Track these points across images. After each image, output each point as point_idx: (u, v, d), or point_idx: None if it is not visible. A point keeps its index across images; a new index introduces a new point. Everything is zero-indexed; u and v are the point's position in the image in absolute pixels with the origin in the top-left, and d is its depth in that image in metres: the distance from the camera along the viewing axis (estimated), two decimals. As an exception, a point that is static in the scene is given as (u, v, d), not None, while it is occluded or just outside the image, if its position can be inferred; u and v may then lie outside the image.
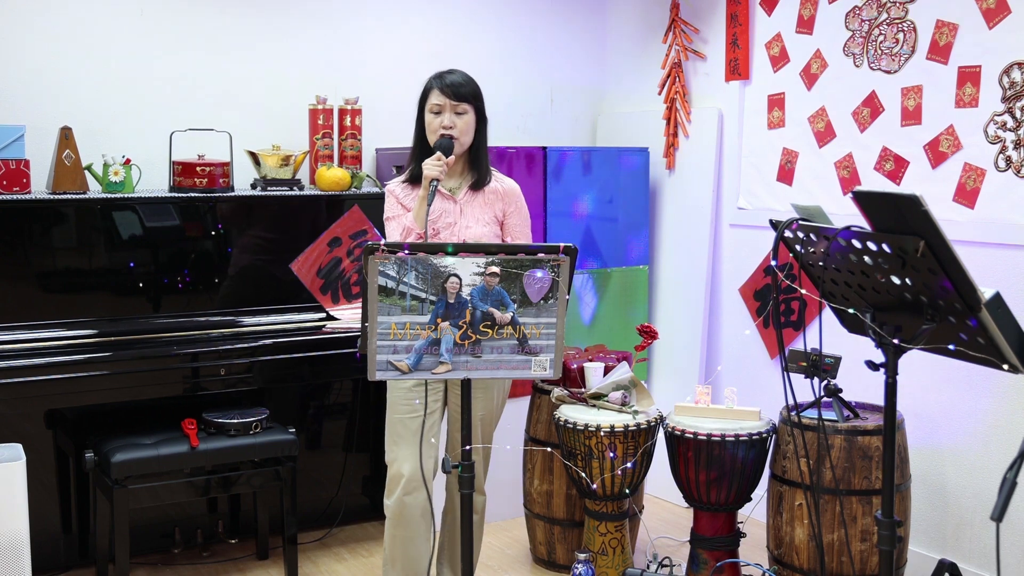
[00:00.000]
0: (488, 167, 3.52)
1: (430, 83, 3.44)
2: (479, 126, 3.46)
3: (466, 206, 3.46)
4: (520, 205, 3.55)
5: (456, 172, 3.49)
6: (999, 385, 3.73)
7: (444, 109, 3.38)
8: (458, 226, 3.42)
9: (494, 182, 3.51)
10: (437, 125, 3.39)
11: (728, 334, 4.87)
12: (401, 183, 3.52)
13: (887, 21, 4.10)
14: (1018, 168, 3.68)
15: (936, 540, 4.01)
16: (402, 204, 3.48)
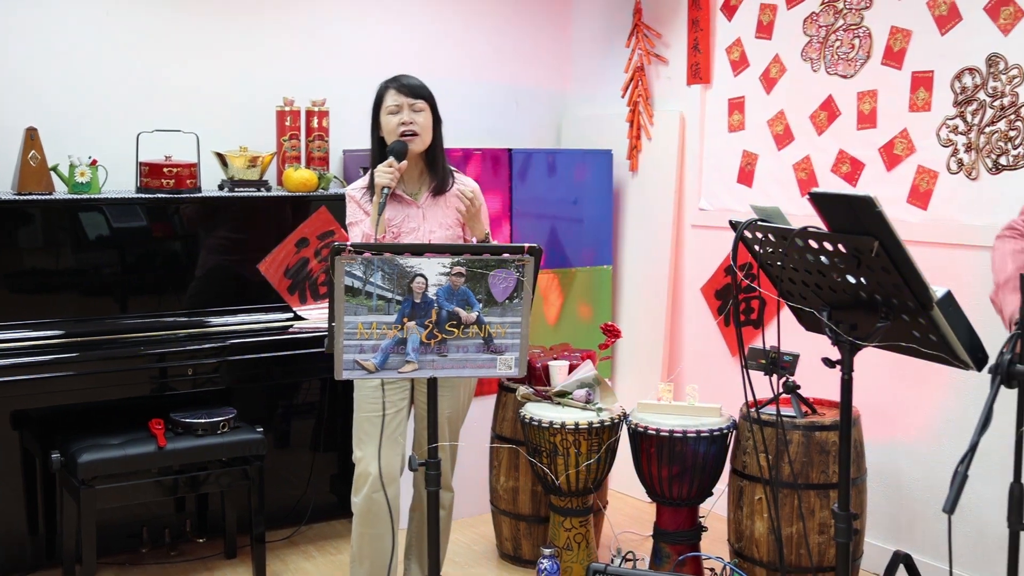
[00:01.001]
0: (446, 168, 3.49)
1: (384, 86, 3.42)
2: (435, 127, 3.44)
3: (428, 210, 3.44)
4: (481, 204, 3.50)
5: (415, 176, 3.46)
6: (951, 381, 3.77)
7: (402, 108, 3.35)
8: (421, 231, 3.40)
9: (456, 185, 3.48)
10: (395, 124, 3.35)
11: (690, 333, 4.90)
12: (361, 188, 3.49)
13: (843, 27, 4.14)
14: (969, 171, 3.73)
15: (891, 532, 4.05)
16: (363, 209, 3.45)
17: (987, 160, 3.67)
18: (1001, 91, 3.61)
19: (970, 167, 3.73)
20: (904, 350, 2.49)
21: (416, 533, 3.65)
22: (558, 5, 5.47)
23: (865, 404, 3.96)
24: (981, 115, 3.67)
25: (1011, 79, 3.57)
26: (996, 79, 3.62)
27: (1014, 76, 3.56)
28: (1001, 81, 3.61)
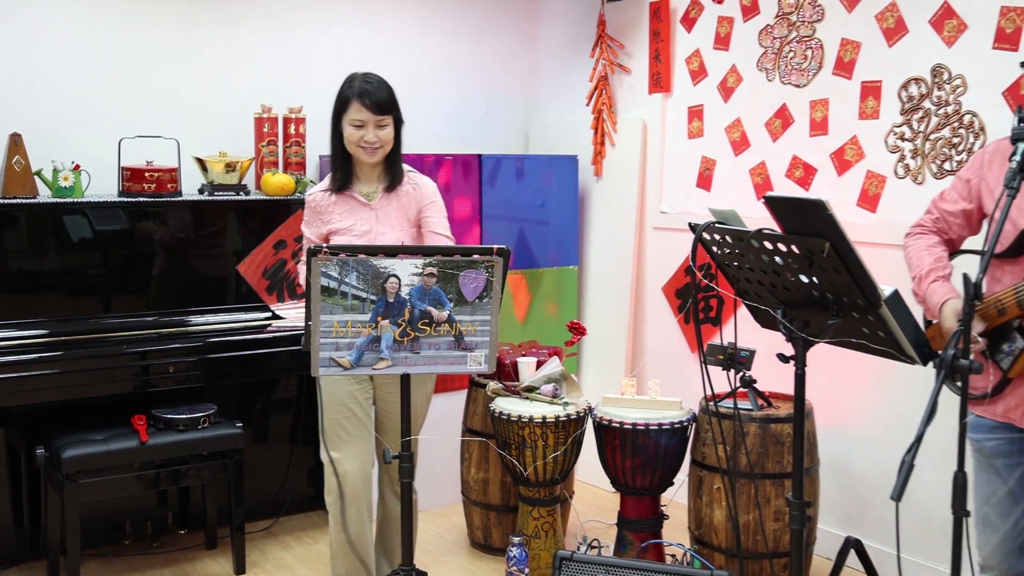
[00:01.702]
0: (402, 168, 3.39)
1: (349, 94, 3.27)
2: (396, 132, 3.34)
3: (381, 211, 3.35)
4: (436, 199, 3.42)
5: (372, 177, 3.38)
6: (899, 375, 3.80)
7: (367, 124, 3.25)
8: (373, 233, 3.32)
9: (407, 183, 3.39)
10: (359, 138, 3.25)
11: (652, 330, 4.92)
12: (322, 191, 3.39)
13: (797, 39, 4.16)
14: (915, 175, 3.76)
15: (843, 519, 4.08)
16: (319, 215, 3.37)
17: (932, 165, 3.70)
18: (945, 100, 3.64)
19: (916, 172, 3.76)
20: (854, 346, 2.51)
21: (380, 529, 3.61)
22: (526, 17, 5.47)
23: (818, 397, 3.98)
24: (926, 123, 3.71)
25: (955, 88, 3.61)
26: (940, 88, 3.65)
27: (957, 86, 3.60)
28: (945, 90, 3.64)
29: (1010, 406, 2.61)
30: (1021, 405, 2.58)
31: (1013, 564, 2.67)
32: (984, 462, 2.69)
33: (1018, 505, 2.64)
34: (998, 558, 2.68)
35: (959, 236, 2.77)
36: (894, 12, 3.79)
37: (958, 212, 2.73)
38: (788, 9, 4.18)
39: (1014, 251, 2.55)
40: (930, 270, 2.70)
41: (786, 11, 4.19)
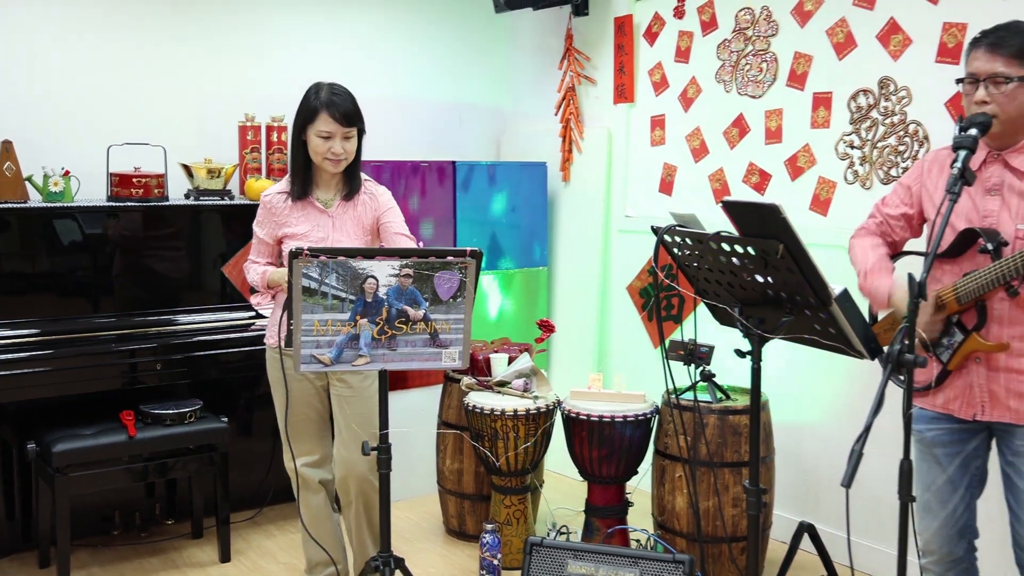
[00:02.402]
0: (360, 177, 3.31)
1: (316, 104, 3.15)
2: (358, 141, 3.25)
3: (338, 219, 3.26)
4: (392, 204, 3.33)
5: (332, 185, 3.28)
6: (849, 369, 3.84)
7: (334, 135, 3.15)
8: (329, 240, 3.23)
9: (364, 193, 3.30)
10: (325, 150, 3.15)
11: (617, 327, 4.93)
12: (278, 193, 3.29)
13: (752, 52, 4.19)
14: (864, 181, 3.80)
15: (797, 504, 4.11)
16: (273, 216, 3.27)
17: (879, 172, 3.74)
18: (892, 110, 3.68)
19: (864, 178, 3.80)
20: (807, 341, 2.53)
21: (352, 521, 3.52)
22: (498, 31, 5.47)
23: (773, 390, 4.01)
24: (874, 131, 3.74)
25: (900, 99, 3.64)
26: (887, 99, 3.69)
27: (903, 97, 3.63)
28: (892, 101, 3.67)
29: (949, 397, 2.64)
30: (960, 397, 2.61)
31: (952, 548, 2.71)
32: (925, 451, 2.72)
33: (956, 492, 2.68)
34: (938, 543, 2.71)
35: (901, 239, 2.81)
36: (844, 27, 3.82)
37: (899, 216, 2.77)
38: (744, 24, 4.21)
39: (953, 251, 2.58)
40: (874, 265, 2.73)
41: (742, 26, 4.22)
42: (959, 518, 2.68)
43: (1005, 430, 2.58)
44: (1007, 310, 2.51)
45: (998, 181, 2.53)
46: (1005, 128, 2.47)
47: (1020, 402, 2.52)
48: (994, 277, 2.43)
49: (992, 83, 2.43)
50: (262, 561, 3.96)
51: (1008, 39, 2.43)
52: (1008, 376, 2.53)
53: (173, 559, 3.97)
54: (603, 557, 2.86)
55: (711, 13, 4.35)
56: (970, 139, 2.35)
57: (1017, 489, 2.56)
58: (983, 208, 2.54)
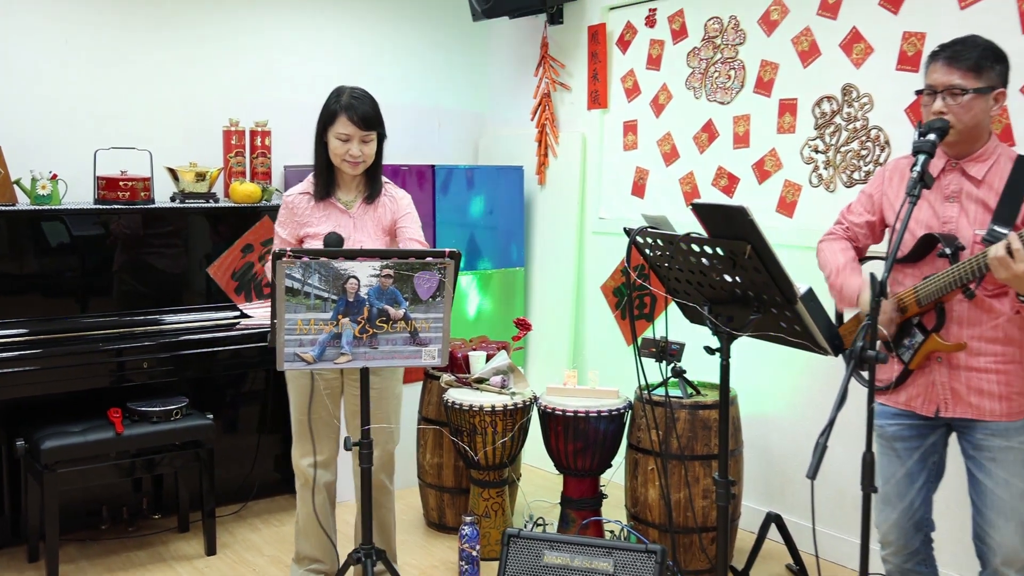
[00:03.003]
0: (382, 180, 3.31)
1: (336, 108, 3.13)
2: (379, 146, 3.24)
3: (359, 220, 3.25)
4: (411, 210, 3.32)
5: (352, 187, 3.28)
6: (814, 366, 3.85)
7: (352, 138, 3.13)
8: (351, 240, 3.22)
9: (384, 195, 3.30)
10: (344, 152, 3.14)
11: (591, 325, 4.93)
12: (300, 193, 3.28)
13: (721, 60, 4.20)
14: (828, 184, 3.82)
15: (764, 496, 4.12)
16: (295, 217, 3.26)
17: (843, 175, 3.76)
18: (854, 116, 3.70)
19: (828, 181, 3.82)
20: (773, 339, 2.54)
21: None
22: (476, 38, 5.46)
23: (741, 386, 4.02)
24: (837, 136, 3.76)
25: (862, 106, 3.66)
26: (850, 105, 3.71)
27: (865, 103, 3.65)
28: (854, 107, 3.70)
29: (911, 395, 2.66)
30: (922, 394, 2.63)
31: (909, 540, 2.72)
32: (886, 445, 2.74)
33: (914, 485, 2.70)
34: (896, 534, 2.73)
35: (864, 245, 2.85)
36: (808, 36, 3.84)
37: (863, 223, 2.80)
38: (713, 33, 4.22)
39: (913, 256, 2.61)
40: (844, 265, 2.76)
41: (711, 35, 4.23)
42: (916, 510, 2.70)
43: (966, 426, 2.60)
44: (965, 311, 2.54)
45: (956, 188, 2.55)
46: (962, 137, 2.50)
47: (981, 398, 2.54)
48: (952, 280, 2.45)
49: (949, 94, 2.46)
50: (247, 554, 3.93)
51: (964, 53, 2.46)
52: (968, 374, 2.55)
53: (160, 552, 3.93)
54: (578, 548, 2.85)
55: (681, 22, 4.36)
56: (929, 144, 2.38)
57: (979, 483, 2.58)
58: (943, 214, 2.56)
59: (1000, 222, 2.44)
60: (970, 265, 2.40)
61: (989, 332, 2.52)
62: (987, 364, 2.53)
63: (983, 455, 2.56)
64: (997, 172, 2.51)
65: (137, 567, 3.79)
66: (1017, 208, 2.46)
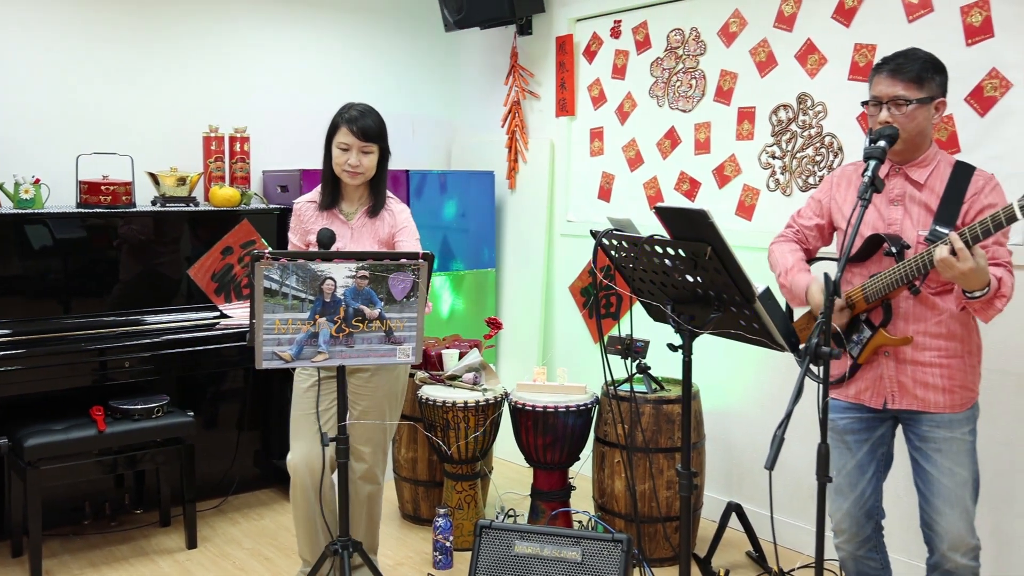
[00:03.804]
0: (385, 194, 3.30)
1: (340, 120, 3.17)
2: (381, 159, 3.24)
3: (357, 231, 3.24)
4: (409, 224, 3.32)
5: (355, 198, 3.27)
6: (772, 362, 3.89)
7: (351, 148, 3.14)
8: (347, 249, 3.19)
9: (386, 210, 3.28)
10: (343, 161, 3.15)
11: (560, 324, 4.94)
12: (308, 201, 3.29)
13: (683, 70, 4.22)
14: (784, 189, 3.85)
15: (725, 486, 4.15)
16: (302, 223, 3.26)
17: (799, 180, 3.79)
18: (809, 123, 3.73)
19: (785, 186, 3.85)
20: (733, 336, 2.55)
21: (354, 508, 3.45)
22: (448, 48, 5.45)
23: (703, 381, 4.05)
24: (793, 143, 3.79)
25: (817, 113, 3.70)
26: (805, 113, 3.74)
27: (819, 111, 3.69)
28: (809, 115, 3.73)
29: (860, 388, 2.69)
30: (870, 387, 2.67)
31: (861, 528, 2.75)
32: (837, 438, 2.76)
33: (864, 476, 2.73)
34: (848, 522, 2.75)
35: (814, 247, 2.89)
36: (765, 47, 3.87)
37: (813, 227, 2.85)
38: (675, 44, 4.24)
39: (860, 256, 2.65)
40: (793, 265, 2.79)
41: (673, 46, 4.25)
42: (867, 499, 2.73)
43: (911, 417, 2.64)
44: (910, 308, 2.58)
45: (900, 192, 2.60)
46: (906, 145, 2.56)
47: (926, 391, 2.58)
48: (899, 277, 2.49)
49: (893, 105, 2.52)
50: (228, 547, 3.90)
51: (906, 65, 2.52)
52: (914, 368, 2.59)
53: (142, 546, 3.89)
54: (548, 538, 2.86)
55: (645, 33, 4.37)
56: (879, 150, 2.42)
57: (925, 472, 2.61)
58: (888, 217, 2.61)
59: (942, 223, 2.51)
60: (915, 263, 2.44)
61: (933, 328, 2.56)
62: (931, 359, 2.57)
63: (929, 446, 2.60)
64: (938, 176, 2.57)
65: (119, 561, 3.75)
66: (957, 210, 2.51)
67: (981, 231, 2.30)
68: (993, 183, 2.54)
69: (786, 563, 3.66)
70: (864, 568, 2.80)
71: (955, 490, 2.56)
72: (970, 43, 3.20)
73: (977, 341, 2.64)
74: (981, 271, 2.31)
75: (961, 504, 2.55)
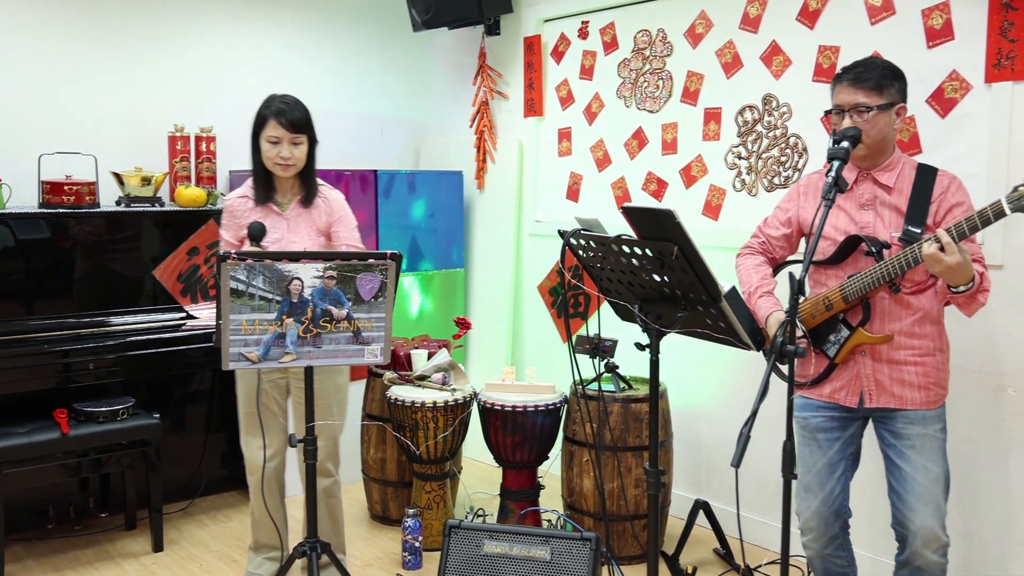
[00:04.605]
0: (316, 182, 3.28)
1: (266, 113, 3.15)
2: (310, 150, 3.23)
3: (293, 221, 3.23)
4: (344, 213, 3.31)
5: (287, 189, 3.26)
6: (738, 360, 3.91)
7: (282, 140, 3.14)
8: (284, 241, 3.20)
9: (319, 197, 3.28)
10: (274, 155, 3.14)
11: (529, 324, 4.94)
12: (239, 197, 3.27)
13: (650, 71, 4.24)
14: (750, 189, 3.87)
15: (693, 484, 4.17)
16: (236, 219, 3.25)
17: (764, 180, 3.82)
18: (774, 124, 3.76)
19: (751, 186, 3.87)
20: (699, 335, 2.56)
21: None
22: (416, 48, 5.43)
23: (670, 380, 4.06)
24: (759, 144, 3.82)
25: (782, 115, 3.72)
26: (770, 114, 3.77)
27: (784, 112, 3.71)
28: (774, 116, 3.75)
29: (836, 388, 2.71)
30: (845, 387, 2.69)
31: (829, 526, 2.77)
32: (808, 437, 2.78)
33: (834, 474, 2.75)
34: (816, 521, 2.78)
35: (781, 256, 2.93)
36: (731, 49, 3.89)
37: (780, 236, 2.88)
38: (642, 45, 4.25)
39: (836, 258, 2.68)
40: (757, 287, 2.82)
41: (641, 47, 4.26)
42: (836, 498, 2.75)
43: (886, 416, 2.67)
44: (888, 306, 2.61)
45: (870, 197, 2.64)
46: (870, 150, 2.60)
47: (903, 388, 2.61)
48: (880, 275, 2.53)
49: (855, 112, 2.57)
50: (195, 550, 3.85)
51: (866, 74, 2.57)
52: (891, 366, 2.62)
53: (107, 550, 3.83)
54: (517, 537, 2.85)
55: (612, 34, 4.38)
56: (843, 151, 2.45)
57: (898, 469, 2.64)
58: (860, 221, 2.66)
59: (913, 223, 2.55)
60: (897, 261, 2.48)
61: (909, 327, 2.60)
62: (907, 356, 2.61)
63: (903, 443, 2.63)
64: (904, 179, 2.62)
65: (84, 565, 3.69)
66: (926, 210, 2.55)
67: (968, 227, 2.35)
68: (957, 182, 2.60)
69: (752, 560, 3.68)
70: (830, 566, 2.82)
71: (929, 487, 2.58)
72: (931, 45, 3.23)
73: (947, 340, 2.69)
74: (966, 265, 2.36)
75: (934, 501, 2.58)
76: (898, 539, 2.68)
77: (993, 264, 3.08)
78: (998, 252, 3.09)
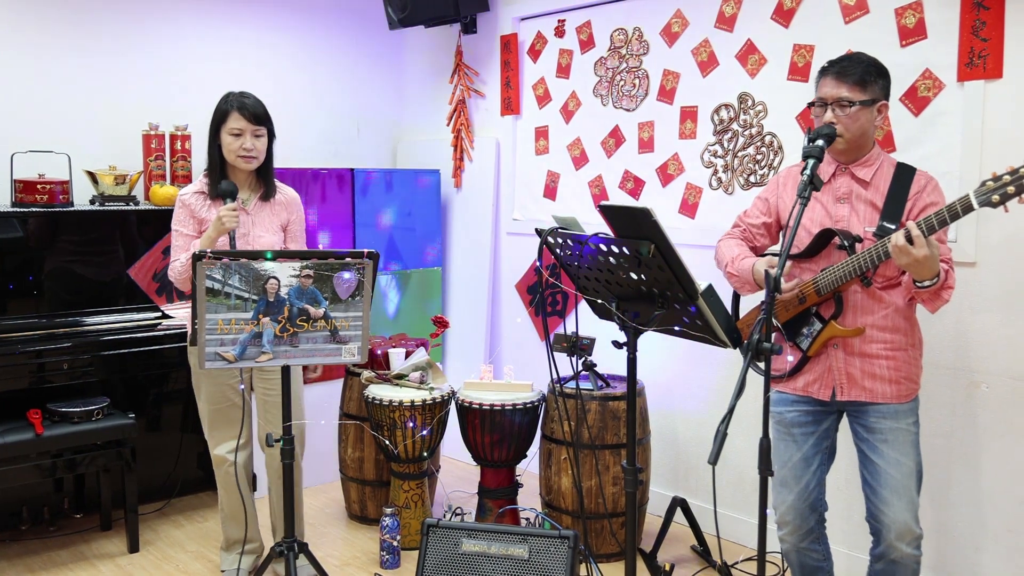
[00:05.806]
0: (274, 178, 3.33)
1: (227, 106, 3.18)
2: (269, 145, 3.27)
3: (256, 216, 3.26)
4: (300, 213, 3.39)
5: (247, 185, 3.28)
6: (715, 358, 3.92)
7: (244, 132, 3.16)
8: (251, 236, 3.23)
9: (279, 193, 3.33)
10: (237, 147, 3.16)
11: (506, 322, 4.94)
12: (195, 192, 3.25)
13: (626, 69, 4.24)
14: (727, 187, 3.89)
15: (670, 481, 4.18)
16: (194, 215, 3.22)
17: (740, 178, 3.83)
18: (750, 123, 3.77)
19: (727, 184, 3.89)
20: (677, 333, 2.56)
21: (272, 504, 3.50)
22: (392, 47, 5.40)
23: (648, 378, 4.07)
24: (735, 142, 3.83)
25: (757, 113, 3.74)
26: (746, 113, 3.78)
27: (759, 111, 3.73)
28: (750, 115, 3.77)
29: (809, 380, 2.73)
30: (819, 379, 2.71)
31: (805, 520, 2.79)
32: (783, 431, 2.80)
33: (809, 468, 2.77)
34: (792, 515, 2.79)
35: (761, 245, 2.92)
36: (707, 48, 3.90)
37: (760, 225, 2.88)
38: (619, 43, 4.26)
39: (810, 251, 2.69)
40: (739, 254, 2.83)
41: (617, 45, 4.26)
42: (811, 492, 2.77)
43: (859, 410, 2.69)
44: (859, 301, 2.63)
45: (847, 191, 2.66)
46: (850, 145, 2.62)
47: (874, 382, 2.63)
48: (852, 268, 2.55)
49: (838, 106, 2.59)
50: (171, 550, 3.82)
51: (851, 69, 2.59)
52: (863, 360, 2.64)
53: (82, 551, 3.79)
54: (495, 535, 2.85)
55: (589, 33, 4.38)
56: (818, 149, 2.47)
57: (872, 463, 2.66)
58: (835, 214, 2.67)
59: (887, 219, 2.58)
60: (869, 254, 2.50)
61: (880, 321, 2.62)
62: (879, 350, 2.63)
63: (875, 437, 2.65)
64: (882, 175, 2.64)
65: (59, 567, 3.65)
66: (902, 207, 2.58)
67: (937, 221, 2.37)
68: (934, 183, 2.63)
69: (730, 556, 3.70)
70: (806, 560, 2.84)
71: (902, 480, 2.61)
72: (904, 44, 3.26)
73: (919, 335, 2.71)
74: (933, 260, 2.38)
75: (907, 494, 2.60)
76: (872, 533, 2.71)
77: (966, 261, 3.11)
78: (971, 250, 3.12)
